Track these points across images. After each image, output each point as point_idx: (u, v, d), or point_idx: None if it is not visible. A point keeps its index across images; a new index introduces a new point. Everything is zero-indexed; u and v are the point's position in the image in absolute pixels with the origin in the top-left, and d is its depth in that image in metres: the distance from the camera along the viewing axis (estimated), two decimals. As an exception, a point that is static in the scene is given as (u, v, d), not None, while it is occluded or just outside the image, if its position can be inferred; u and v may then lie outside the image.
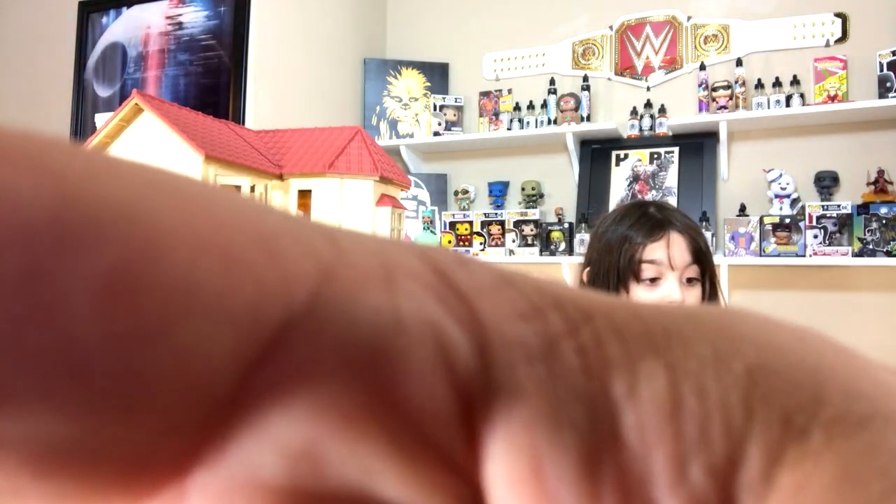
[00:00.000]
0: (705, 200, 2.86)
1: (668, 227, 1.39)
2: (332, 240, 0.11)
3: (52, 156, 0.09)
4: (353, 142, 1.13)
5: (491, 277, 0.11)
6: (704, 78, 2.89)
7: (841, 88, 2.71)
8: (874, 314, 2.67)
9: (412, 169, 3.38)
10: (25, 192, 0.08)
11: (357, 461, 0.10)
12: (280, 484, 0.10)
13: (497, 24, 3.40)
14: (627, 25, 3.15)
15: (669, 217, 1.40)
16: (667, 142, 2.99)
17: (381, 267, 0.10)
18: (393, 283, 0.10)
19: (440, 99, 3.34)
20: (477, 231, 3.11)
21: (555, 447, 0.10)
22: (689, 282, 1.37)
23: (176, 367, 0.09)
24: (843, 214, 2.53)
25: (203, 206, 0.10)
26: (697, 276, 1.37)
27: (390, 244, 0.11)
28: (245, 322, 0.09)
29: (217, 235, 0.09)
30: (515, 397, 0.10)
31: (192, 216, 0.09)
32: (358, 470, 0.10)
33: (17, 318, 0.08)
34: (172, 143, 0.94)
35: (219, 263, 0.09)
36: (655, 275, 1.36)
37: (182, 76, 2.84)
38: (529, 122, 3.15)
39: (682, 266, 1.37)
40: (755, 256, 2.65)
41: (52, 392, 0.09)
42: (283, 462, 0.10)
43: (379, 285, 0.10)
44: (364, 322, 0.10)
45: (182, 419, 0.09)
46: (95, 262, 0.09)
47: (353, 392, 0.10)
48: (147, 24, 2.93)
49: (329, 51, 3.17)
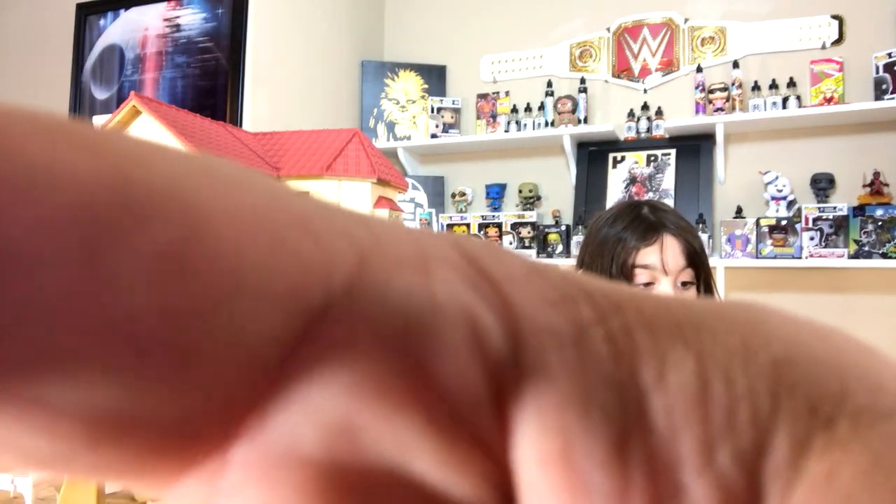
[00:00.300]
0: (702, 203, 2.87)
1: (661, 229, 1.37)
2: (368, 226, 0.11)
3: (108, 142, 0.10)
4: (351, 144, 1.13)
5: (522, 267, 0.11)
6: (701, 80, 2.90)
7: (837, 90, 2.71)
8: (870, 316, 2.68)
9: (409, 171, 3.38)
10: (87, 173, 0.09)
11: (392, 436, 0.10)
12: (317, 457, 0.10)
13: (494, 27, 3.41)
14: (624, 28, 3.16)
15: (663, 219, 1.38)
16: (663, 144, 2.99)
17: (415, 253, 0.11)
18: (427, 269, 0.11)
19: (437, 101, 3.34)
20: (474, 233, 3.11)
21: (584, 429, 0.10)
22: (684, 285, 1.35)
23: (225, 343, 0.10)
24: (840, 216, 2.54)
25: (248, 189, 0.10)
26: (692, 280, 1.34)
27: (423, 233, 0.12)
28: (289, 301, 0.10)
29: (263, 218, 0.10)
30: (546, 381, 0.10)
31: (238, 199, 0.10)
32: (393, 445, 0.10)
33: (81, 290, 0.09)
34: (170, 145, 0.94)
35: (265, 245, 0.10)
36: (649, 279, 1.34)
37: (179, 78, 2.84)
38: (526, 125, 3.16)
39: (675, 270, 1.34)
40: (751, 258, 2.66)
41: (111, 362, 0.09)
42: (321, 435, 0.10)
43: (414, 270, 0.11)
44: (400, 303, 0.10)
45: (229, 392, 0.10)
46: (152, 239, 0.09)
47: (389, 369, 0.10)
48: (145, 27, 2.93)
49: (326, 53, 3.17)
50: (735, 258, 2.68)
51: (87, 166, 0.09)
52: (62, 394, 0.09)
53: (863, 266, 2.52)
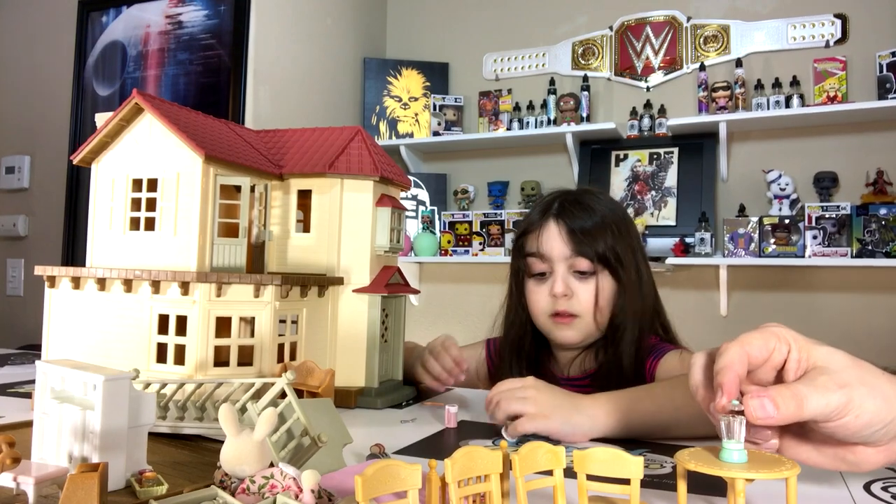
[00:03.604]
0: (704, 201, 2.86)
1: (546, 215, 1.30)
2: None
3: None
4: (353, 142, 1.13)
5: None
6: (704, 78, 2.90)
7: (840, 89, 2.71)
8: (873, 315, 2.67)
9: (412, 169, 3.38)
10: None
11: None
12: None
13: (497, 24, 3.40)
14: (627, 26, 3.15)
15: (552, 203, 1.32)
16: (666, 142, 2.99)
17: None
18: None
19: (440, 99, 3.34)
20: (476, 231, 3.11)
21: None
22: (581, 273, 1.28)
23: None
24: (843, 215, 2.53)
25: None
26: (588, 269, 1.27)
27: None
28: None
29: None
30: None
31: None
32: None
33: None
34: (172, 142, 0.94)
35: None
36: (543, 269, 1.30)
37: (182, 75, 2.84)
38: (529, 122, 3.15)
39: (559, 258, 1.28)
40: (754, 257, 2.65)
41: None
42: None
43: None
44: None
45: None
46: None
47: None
48: (147, 23, 2.93)
49: (329, 50, 3.17)
50: (738, 257, 2.67)
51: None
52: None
53: (866, 265, 2.51)
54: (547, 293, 1.30)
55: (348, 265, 1.10)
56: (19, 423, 0.83)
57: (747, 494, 0.54)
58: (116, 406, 0.61)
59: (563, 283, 1.27)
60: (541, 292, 1.31)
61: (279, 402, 0.68)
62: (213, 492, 0.54)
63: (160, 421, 0.81)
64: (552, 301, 1.29)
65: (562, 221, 1.28)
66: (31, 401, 0.87)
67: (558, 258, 1.28)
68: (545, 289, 1.30)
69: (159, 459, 0.72)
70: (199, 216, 0.93)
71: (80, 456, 0.61)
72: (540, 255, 1.29)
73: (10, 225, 3.23)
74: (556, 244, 1.28)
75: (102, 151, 1.00)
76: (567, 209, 1.29)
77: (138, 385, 0.82)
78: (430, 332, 3.19)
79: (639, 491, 0.52)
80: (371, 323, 1.09)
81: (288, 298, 0.98)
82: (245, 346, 0.93)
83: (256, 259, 1.05)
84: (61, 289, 0.99)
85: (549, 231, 1.29)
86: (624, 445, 0.81)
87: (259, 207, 1.02)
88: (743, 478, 0.51)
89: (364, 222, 1.11)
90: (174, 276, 0.90)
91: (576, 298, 1.28)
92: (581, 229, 1.27)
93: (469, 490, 0.50)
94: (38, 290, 2.15)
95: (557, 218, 1.29)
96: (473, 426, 0.99)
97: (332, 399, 0.86)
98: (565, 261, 1.28)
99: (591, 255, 1.26)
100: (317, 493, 0.51)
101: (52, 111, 3.15)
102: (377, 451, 0.78)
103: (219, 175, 0.95)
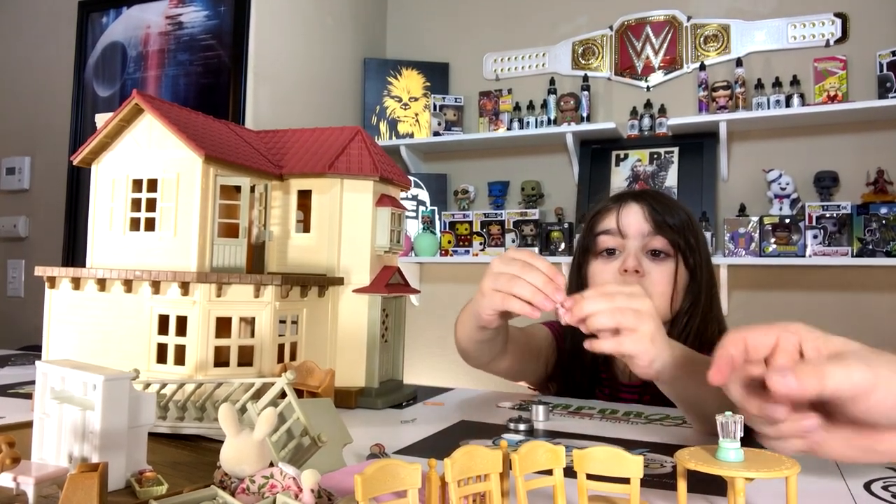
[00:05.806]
0: (705, 200, 2.86)
1: (627, 197, 1.28)
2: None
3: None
4: (353, 142, 1.13)
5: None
6: (704, 78, 2.89)
7: (841, 88, 2.71)
8: (874, 314, 2.67)
9: (412, 169, 3.38)
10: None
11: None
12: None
13: (497, 24, 3.40)
14: (627, 25, 3.15)
15: (634, 192, 1.29)
16: (667, 142, 2.99)
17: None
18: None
19: (440, 99, 3.34)
20: (477, 231, 3.11)
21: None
22: (655, 255, 1.23)
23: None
24: (843, 214, 2.53)
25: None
26: (666, 250, 1.23)
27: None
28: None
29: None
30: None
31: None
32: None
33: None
34: (172, 143, 0.94)
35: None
36: (612, 245, 1.25)
37: (182, 76, 2.84)
38: (529, 122, 3.15)
39: (637, 234, 1.23)
40: (755, 256, 2.65)
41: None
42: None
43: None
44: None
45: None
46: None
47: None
48: (147, 24, 2.93)
49: (328, 50, 3.17)
50: (738, 256, 2.67)
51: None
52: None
53: (866, 264, 2.51)
54: (615, 270, 1.22)
55: (348, 265, 1.10)
56: (19, 423, 0.83)
57: (747, 493, 0.54)
58: (116, 406, 0.61)
59: (636, 258, 1.21)
60: (607, 270, 1.23)
61: (279, 402, 0.68)
62: (212, 492, 0.54)
63: (160, 421, 0.81)
64: (620, 280, 1.20)
65: (643, 201, 1.25)
66: (31, 401, 0.87)
67: (635, 234, 1.23)
68: (613, 266, 1.22)
69: (159, 459, 0.72)
70: (199, 216, 0.93)
71: (80, 456, 0.61)
72: (614, 232, 1.23)
73: (11, 226, 3.23)
74: (634, 220, 1.23)
75: (102, 152, 1.00)
76: (649, 195, 1.28)
77: (138, 385, 0.82)
78: (430, 332, 3.20)
79: (639, 490, 0.52)
80: (371, 323, 1.09)
81: (288, 298, 0.98)
82: (245, 346, 0.93)
83: (256, 259, 1.05)
84: (61, 289, 0.99)
85: (629, 208, 1.25)
86: (624, 445, 0.81)
87: (259, 208, 1.02)
88: (743, 477, 0.51)
89: (364, 222, 1.11)
90: (174, 277, 0.90)
91: (648, 279, 1.20)
92: (663, 209, 1.24)
93: (469, 489, 0.50)
94: (38, 291, 2.15)
95: (638, 199, 1.26)
96: (474, 426, 0.99)
97: (332, 399, 0.86)
98: (642, 238, 1.23)
99: (669, 235, 1.22)
100: (316, 492, 0.51)
101: (53, 112, 3.15)
102: (377, 451, 0.78)
103: (219, 175, 0.95)
